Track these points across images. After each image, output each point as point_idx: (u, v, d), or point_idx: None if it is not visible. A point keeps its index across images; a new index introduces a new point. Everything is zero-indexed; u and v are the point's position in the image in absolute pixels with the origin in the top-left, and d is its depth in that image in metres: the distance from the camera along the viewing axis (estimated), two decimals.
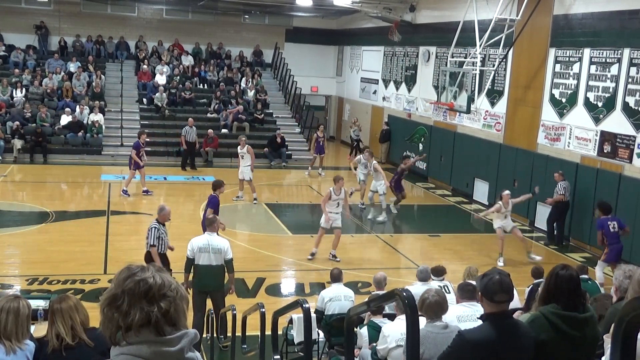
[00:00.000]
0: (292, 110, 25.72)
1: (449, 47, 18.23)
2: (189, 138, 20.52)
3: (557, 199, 13.71)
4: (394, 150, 22.90)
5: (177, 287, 1.91)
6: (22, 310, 3.98)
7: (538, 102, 15.65)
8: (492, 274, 3.55)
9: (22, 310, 3.99)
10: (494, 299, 3.44)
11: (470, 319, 5.37)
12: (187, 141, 20.50)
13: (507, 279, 3.52)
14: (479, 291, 3.54)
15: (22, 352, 3.91)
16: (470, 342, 3.44)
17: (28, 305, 4.08)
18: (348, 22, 27.13)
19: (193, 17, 27.32)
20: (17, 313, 3.95)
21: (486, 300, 3.47)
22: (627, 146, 12.98)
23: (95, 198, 17.24)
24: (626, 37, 13.03)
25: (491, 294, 3.44)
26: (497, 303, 3.45)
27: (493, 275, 3.53)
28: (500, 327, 3.43)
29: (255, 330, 7.15)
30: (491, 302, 3.45)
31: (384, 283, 7.78)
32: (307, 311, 5.08)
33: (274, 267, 12.10)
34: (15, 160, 19.95)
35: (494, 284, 3.45)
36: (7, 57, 24.47)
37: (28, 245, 12.46)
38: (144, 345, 1.82)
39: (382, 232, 14.81)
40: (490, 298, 3.45)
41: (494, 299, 3.45)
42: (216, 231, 8.65)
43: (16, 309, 3.96)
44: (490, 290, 3.45)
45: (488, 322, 3.48)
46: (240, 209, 16.60)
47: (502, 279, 3.50)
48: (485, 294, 3.47)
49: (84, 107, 21.98)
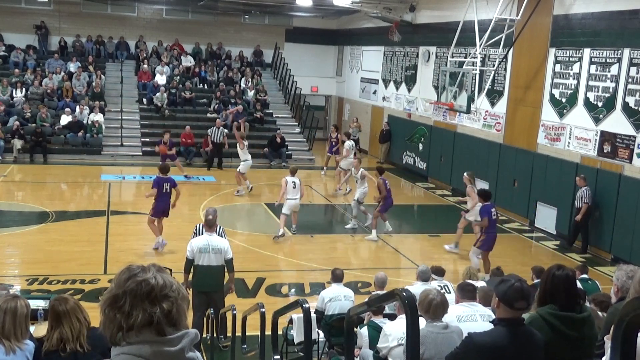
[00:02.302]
0: (292, 110, 25.73)
1: (449, 47, 18.24)
2: (214, 139, 20.63)
3: (584, 212, 13.17)
4: (394, 151, 22.90)
5: (179, 288, 1.91)
6: (20, 310, 3.97)
7: (538, 102, 15.65)
8: (510, 279, 3.50)
9: (20, 310, 3.98)
10: (514, 305, 3.40)
11: (470, 319, 5.36)
12: (213, 142, 20.64)
13: (527, 286, 3.49)
14: (497, 297, 3.47)
15: (22, 352, 3.91)
16: (477, 345, 3.42)
17: (27, 305, 4.08)
18: (348, 22, 27.14)
19: (193, 17, 27.32)
20: (14, 313, 3.94)
21: (504, 307, 3.42)
22: (627, 146, 12.98)
23: (95, 198, 17.23)
24: (626, 37, 13.03)
25: (512, 301, 3.40)
26: (516, 310, 3.42)
27: (512, 281, 3.47)
28: (512, 334, 3.39)
29: (255, 330, 7.15)
30: (510, 309, 3.41)
31: (385, 283, 7.79)
32: (307, 311, 5.08)
33: (274, 267, 12.11)
34: (15, 160, 19.95)
35: (515, 291, 3.40)
36: (7, 57, 24.47)
37: (28, 245, 12.46)
38: (145, 345, 1.83)
39: (382, 232, 14.80)
40: (510, 305, 3.40)
41: (514, 306, 3.40)
42: (216, 231, 8.65)
43: (14, 308, 3.95)
44: (510, 297, 3.40)
45: (499, 327, 3.45)
46: (241, 209, 16.60)
47: (523, 285, 3.46)
48: (504, 300, 3.41)
49: (84, 107, 21.98)
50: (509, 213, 16.44)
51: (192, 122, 22.59)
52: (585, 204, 13.17)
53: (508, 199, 16.50)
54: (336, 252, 13.34)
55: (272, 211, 16.07)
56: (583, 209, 13.20)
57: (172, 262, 10.37)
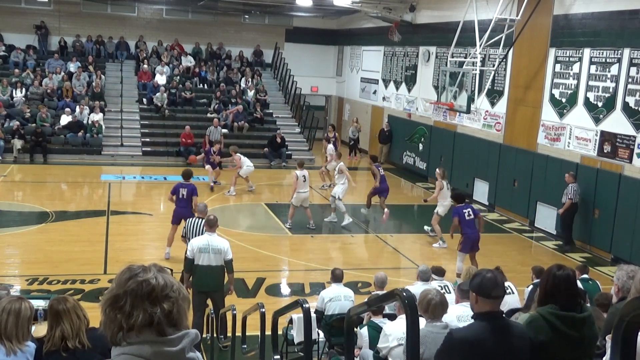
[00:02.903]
0: (292, 110, 25.73)
1: (449, 47, 18.24)
2: (213, 138, 20.65)
3: (567, 207, 13.44)
4: (394, 151, 22.90)
5: (179, 288, 1.91)
6: (23, 312, 3.97)
7: (538, 102, 15.65)
8: (483, 272, 3.59)
9: (24, 312, 3.97)
10: (491, 294, 3.46)
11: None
12: (211, 141, 20.63)
13: (500, 275, 3.55)
14: (472, 291, 3.53)
15: (23, 354, 3.90)
16: (457, 339, 3.46)
17: (31, 308, 4.07)
18: (348, 22, 27.14)
19: (193, 17, 27.32)
20: (17, 314, 3.94)
21: (482, 298, 3.48)
22: (627, 146, 12.98)
23: (95, 198, 17.23)
24: (626, 37, 13.03)
25: (488, 290, 3.45)
26: (494, 299, 3.47)
27: (484, 273, 3.56)
28: (491, 327, 3.44)
29: (255, 330, 7.15)
30: (488, 299, 3.46)
31: (385, 283, 7.79)
32: (307, 311, 5.08)
33: (274, 267, 12.10)
34: (15, 160, 19.95)
35: (489, 280, 3.48)
36: (7, 57, 24.48)
37: (28, 245, 12.45)
38: (146, 345, 1.83)
39: (382, 232, 14.82)
40: (487, 294, 3.45)
41: (492, 295, 3.46)
42: (216, 231, 8.66)
43: (17, 310, 3.95)
44: (486, 286, 3.46)
45: (478, 321, 3.50)
46: (241, 209, 16.60)
47: (496, 274, 3.54)
48: (480, 292, 3.47)
49: (84, 107, 21.99)
50: (509, 213, 16.45)
51: (192, 122, 22.59)
52: (569, 200, 13.43)
53: (508, 199, 16.51)
54: (336, 252, 13.34)
55: (273, 211, 16.08)
56: (566, 205, 13.47)
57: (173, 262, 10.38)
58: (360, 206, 16.09)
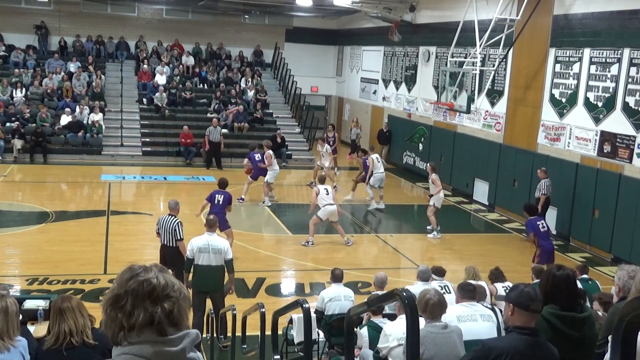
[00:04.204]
0: (292, 110, 25.73)
1: (449, 47, 18.24)
2: (212, 138, 20.61)
3: (542, 202, 13.65)
4: (394, 151, 22.89)
5: (180, 288, 1.92)
6: (10, 308, 3.98)
7: (538, 102, 15.65)
8: (521, 285, 3.56)
9: (11, 308, 3.99)
10: (530, 307, 3.41)
11: (470, 318, 5.37)
12: (210, 141, 20.63)
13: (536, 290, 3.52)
14: (510, 303, 3.49)
15: (16, 349, 3.92)
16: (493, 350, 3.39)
17: (15, 302, 4.09)
18: (348, 22, 27.14)
19: (193, 17, 27.33)
20: (5, 312, 3.94)
21: (519, 310, 3.42)
22: (627, 146, 12.98)
23: (95, 198, 17.23)
24: (626, 37, 13.03)
25: (527, 302, 3.41)
26: (532, 312, 3.43)
27: (522, 286, 3.53)
28: (527, 342, 3.38)
29: (255, 330, 7.16)
30: (525, 311, 3.41)
31: (385, 283, 7.79)
32: (307, 311, 5.08)
33: (274, 267, 12.11)
34: (15, 160, 19.95)
35: (528, 293, 3.44)
36: (7, 57, 24.48)
37: (28, 245, 12.46)
38: (146, 345, 1.83)
39: (382, 232, 14.83)
40: (526, 307, 3.41)
41: (530, 307, 3.41)
42: (216, 231, 8.67)
43: (5, 307, 3.95)
44: (525, 298, 3.42)
45: (515, 334, 3.43)
46: (241, 209, 16.59)
47: (534, 288, 3.51)
48: (518, 304, 3.43)
49: (84, 107, 21.98)
50: (509, 213, 16.45)
51: (192, 122, 22.60)
52: (542, 195, 13.72)
53: (508, 199, 16.51)
54: (336, 252, 13.34)
55: (273, 211, 16.09)
56: (542, 200, 13.66)
57: None
58: (360, 206, 16.09)
